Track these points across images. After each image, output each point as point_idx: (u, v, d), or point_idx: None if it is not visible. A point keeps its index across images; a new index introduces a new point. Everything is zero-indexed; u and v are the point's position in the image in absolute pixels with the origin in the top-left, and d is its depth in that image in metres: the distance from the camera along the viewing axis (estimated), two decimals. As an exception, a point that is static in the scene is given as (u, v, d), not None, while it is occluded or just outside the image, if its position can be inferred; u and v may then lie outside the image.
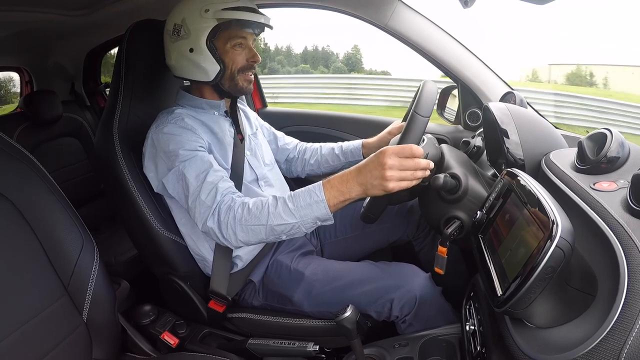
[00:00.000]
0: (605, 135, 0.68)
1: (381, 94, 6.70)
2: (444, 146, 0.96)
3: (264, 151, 1.15)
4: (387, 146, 0.75)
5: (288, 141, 1.30)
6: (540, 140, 0.82)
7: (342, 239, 1.20)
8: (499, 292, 0.54)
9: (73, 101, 1.96)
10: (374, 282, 0.92)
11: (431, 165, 0.76)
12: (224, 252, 0.99)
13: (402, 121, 1.14)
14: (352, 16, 1.29)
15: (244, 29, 0.95)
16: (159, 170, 0.92)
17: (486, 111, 0.90)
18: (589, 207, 0.57)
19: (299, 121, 1.77)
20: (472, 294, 0.80)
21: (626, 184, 0.58)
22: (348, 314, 0.71)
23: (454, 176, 0.82)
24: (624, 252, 0.47)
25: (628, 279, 0.44)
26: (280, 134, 1.30)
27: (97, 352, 0.80)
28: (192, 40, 0.92)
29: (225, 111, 1.06)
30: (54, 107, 1.64)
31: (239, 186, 0.99)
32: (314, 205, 0.77)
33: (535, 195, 0.55)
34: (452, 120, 1.43)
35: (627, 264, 0.45)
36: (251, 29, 0.97)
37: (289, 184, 1.22)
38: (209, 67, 0.94)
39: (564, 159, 0.74)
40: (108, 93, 1.86)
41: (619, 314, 0.42)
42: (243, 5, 0.92)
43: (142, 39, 1.02)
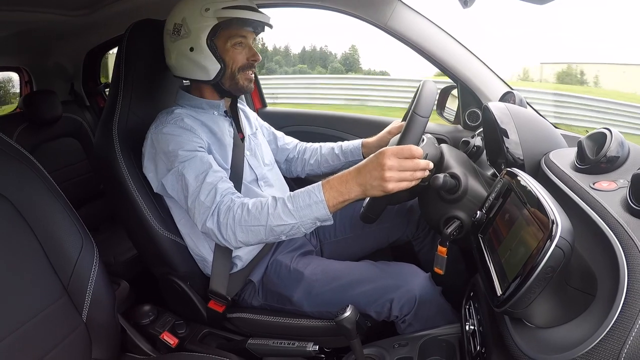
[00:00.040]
0: (604, 135, 0.67)
1: (379, 95, 6.68)
2: (444, 146, 0.96)
3: (263, 151, 1.15)
4: (387, 147, 0.75)
5: (288, 141, 1.30)
6: (539, 140, 0.82)
7: (341, 238, 1.20)
8: (499, 292, 0.54)
9: (72, 101, 1.96)
10: (373, 282, 0.92)
11: (430, 165, 0.76)
12: (223, 252, 0.99)
13: (402, 121, 1.14)
14: (351, 16, 1.29)
15: (244, 27, 0.95)
16: (158, 170, 0.92)
17: (486, 111, 0.90)
18: (589, 206, 0.57)
19: (299, 121, 1.77)
20: (471, 293, 0.80)
21: (626, 183, 0.58)
22: (348, 314, 0.71)
23: (454, 176, 0.82)
24: (623, 251, 0.47)
25: (628, 278, 0.44)
26: (280, 134, 1.30)
27: (96, 352, 0.80)
28: (193, 39, 0.92)
29: (225, 111, 1.06)
30: (53, 107, 1.64)
31: (238, 186, 0.98)
32: (313, 206, 0.77)
33: (535, 195, 0.55)
34: (452, 120, 1.43)
35: (627, 264, 0.45)
36: (251, 28, 0.97)
37: (289, 184, 1.22)
38: (210, 66, 0.94)
39: (564, 158, 0.74)
40: (107, 93, 1.87)
41: (619, 313, 0.42)
42: (243, 4, 0.92)
43: (142, 38, 1.02)
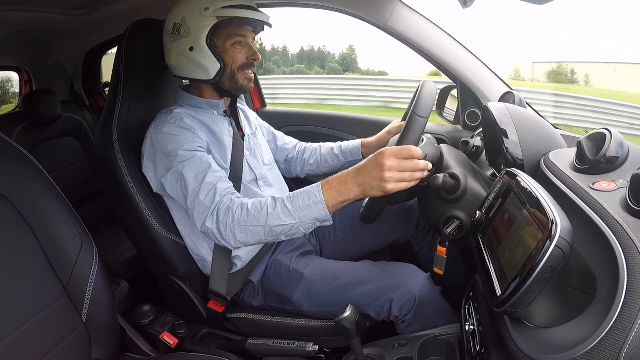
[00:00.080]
0: (604, 135, 0.68)
1: (378, 95, 6.67)
2: (443, 146, 0.96)
3: (263, 151, 1.14)
4: (386, 147, 0.75)
5: (287, 141, 1.30)
6: (539, 140, 0.82)
7: (341, 239, 1.20)
8: (499, 292, 0.54)
9: (72, 101, 1.96)
10: (373, 282, 0.92)
11: (430, 166, 0.76)
12: (223, 252, 0.99)
13: (402, 121, 1.14)
14: (351, 16, 1.29)
15: (244, 26, 0.95)
16: (158, 170, 0.91)
17: (485, 111, 0.90)
18: (588, 207, 0.57)
19: (299, 121, 1.77)
20: (471, 293, 0.80)
21: (625, 183, 0.58)
22: (347, 314, 0.71)
23: (453, 176, 0.82)
24: (623, 252, 0.47)
25: (627, 278, 0.44)
26: (279, 134, 1.30)
27: (96, 352, 0.80)
28: (192, 39, 0.92)
29: (225, 111, 1.06)
30: (53, 106, 1.64)
31: (238, 186, 0.98)
32: (312, 207, 0.77)
33: (534, 195, 0.55)
34: (452, 120, 1.43)
35: (626, 264, 0.45)
36: (251, 27, 0.97)
37: (289, 184, 1.22)
38: (209, 65, 0.94)
39: (563, 159, 0.74)
40: (107, 93, 1.86)
41: (619, 313, 0.42)
42: (243, 4, 0.92)
43: (142, 38, 1.02)
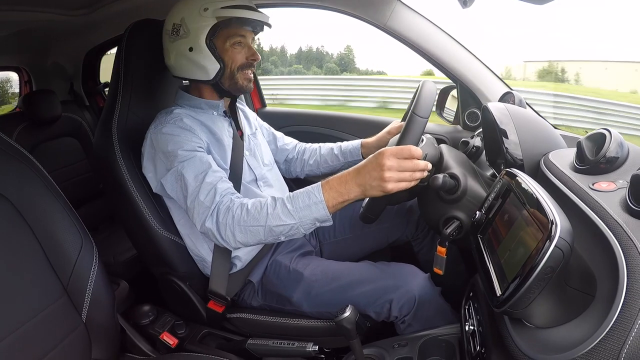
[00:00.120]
0: (604, 136, 0.68)
1: (375, 95, 6.65)
2: (443, 146, 0.96)
3: (263, 151, 1.14)
4: (386, 147, 0.75)
5: (287, 141, 1.30)
6: (539, 141, 0.82)
7: (341, 239, 1.20)
8: (498, 292, 0.54)
9: (72, 101, 1.96)
10: (373, 282, 0.92)
11: (429, 166, 0.76)
12: (222, 252, 0.99)
13: (402, 121, 1.14)
14: (351, 16, 1.29)
15: (243, 26, 0.95)
16: (157, 170, 0.91)
17: (485, 111, 0.90)
18: (588, 207, 0.57)
19: (298, 121, 1.77)
20: (471, 294, 0.80)
21: (625, 184, 0.58)
22: (347, 314, 0.71)
23: (453, 176, 0.82)
24: (623, 252, 0.47)
25: (627, 279, 0.44)
26: (279, 134, 1.30)
27: (96, 353, 0.80)
28: (192, 39, 0.92)
29: (224, 111, 1.05)
30: (53, 106, 1.64)
31: (237, 186, 0.98)
32: (312, 207, 0.77)
33: (534, 196, 0.55)
34: (451, 120, 1.43)
35: (626, 264, 0.45)
36: (250, 27, 0.97)
37: (288, 184, 1.22)
38: (209, 65, 0.94)
39: (563, 159, 0.74)
40: (107, 93, 1.86)
41: (619, 314, 0.42)
42: (242, 4, 0.92)
43: (141, 38, 1.02)
